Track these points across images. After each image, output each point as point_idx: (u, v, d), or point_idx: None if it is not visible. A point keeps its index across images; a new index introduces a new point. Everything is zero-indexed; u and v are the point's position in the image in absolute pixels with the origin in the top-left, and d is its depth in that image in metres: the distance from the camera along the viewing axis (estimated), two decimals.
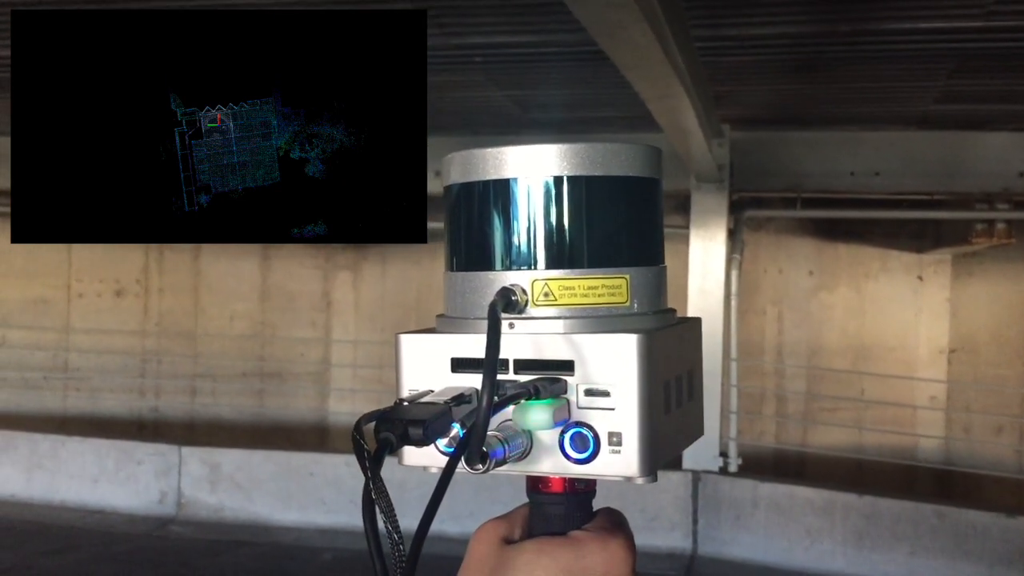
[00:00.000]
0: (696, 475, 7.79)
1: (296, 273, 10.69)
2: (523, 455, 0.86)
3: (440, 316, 0.97)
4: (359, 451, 0.77)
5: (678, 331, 0.95)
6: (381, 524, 0.77)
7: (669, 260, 0.98)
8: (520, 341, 0.88)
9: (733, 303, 8.35)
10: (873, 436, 9.17)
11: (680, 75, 4.68)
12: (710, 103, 6.66)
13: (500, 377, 0.85)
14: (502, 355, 0.84)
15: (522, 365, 0.88)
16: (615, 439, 0.85)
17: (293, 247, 10.55)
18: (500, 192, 0.91)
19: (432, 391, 0.89)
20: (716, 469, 7.93)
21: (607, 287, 0.90)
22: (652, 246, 0.95)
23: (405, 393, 0.91)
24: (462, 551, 0.88)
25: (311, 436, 10.55)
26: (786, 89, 6.96)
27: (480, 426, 0.79)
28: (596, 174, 0.90)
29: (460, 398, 0.85)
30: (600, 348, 0.86)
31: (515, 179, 0.90)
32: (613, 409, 0.85)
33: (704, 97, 6.11)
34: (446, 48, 5.74)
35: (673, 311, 0.98)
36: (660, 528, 7.70)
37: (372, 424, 0.78)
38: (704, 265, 8.06)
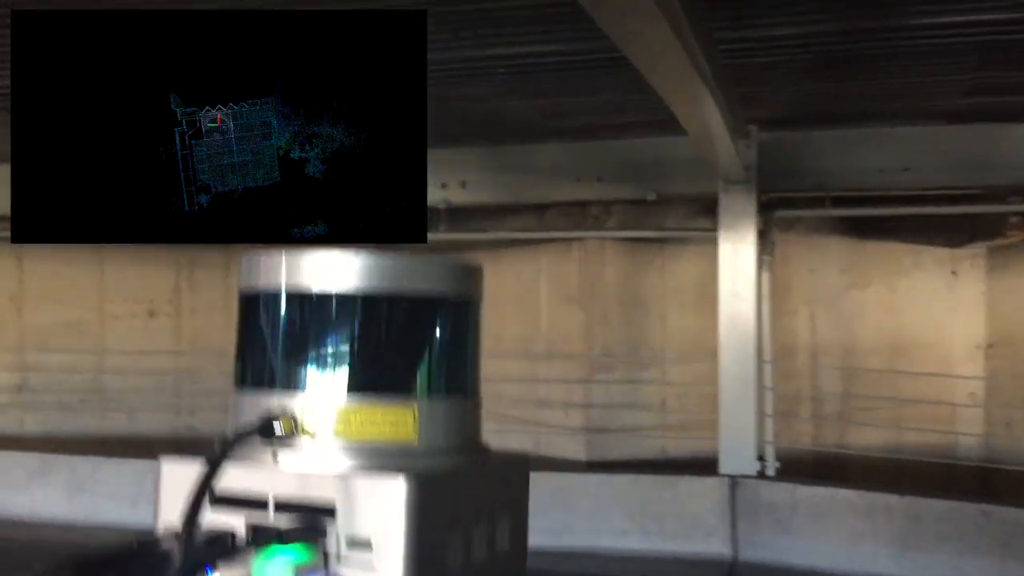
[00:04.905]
0: (733, 480, 7.71)
1: None
2: None
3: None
4: None
5: (484, 473, 0.83)
6: None
7: (700, 263, 0.87)
8: (283, 478, 0.72)
9: (765, 305, 8.28)
10: (912, 435, 9.03)
11: (704, 78, 4.65)
12: (736, 105, 6.61)
13: (258, 520, 0.74)
14: (262, 491, 0.72)
15: (283, 506, 0.73)
16: None
17: None
18: (272, 305, 0.79)
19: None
20: (754, 473, 7.86)
21: (390, 421, 0.75)
22: (457, 376, 0.83)
23: (160, 530, 0.78)
24: None
25: None
26: (811, 88, 6.91)
27: None
28: (387, 291, 0.77)
29: (217, 540, 0.70)
30: (366, 491, 0.70)
31: (290, 291, 0.78)
32: (375, 570, 0.68)
33: (729, 99, 6.08)
34: (466, 60, 5.74)
35: (485, 450, 0.85)
36: (698, 534, 7.62)
37: None
38: (734, 268, 7.99)
